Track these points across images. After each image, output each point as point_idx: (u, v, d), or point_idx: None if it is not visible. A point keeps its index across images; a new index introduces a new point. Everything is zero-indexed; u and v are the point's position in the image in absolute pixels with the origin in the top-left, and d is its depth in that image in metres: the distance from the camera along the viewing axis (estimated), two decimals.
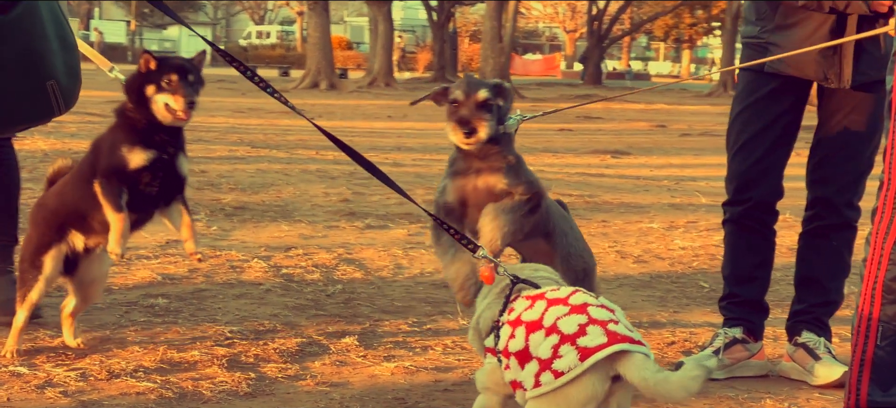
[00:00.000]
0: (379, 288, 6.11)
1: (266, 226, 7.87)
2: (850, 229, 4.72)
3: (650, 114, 27.98)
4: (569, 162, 13.98)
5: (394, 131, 18.47)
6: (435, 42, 49.86)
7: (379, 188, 9.85)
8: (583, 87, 47.28)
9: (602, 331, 3.00)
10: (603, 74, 56.81)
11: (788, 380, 4.65)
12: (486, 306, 3.47)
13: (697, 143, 18.44)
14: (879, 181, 3.50)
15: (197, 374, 4.40)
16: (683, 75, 79.05)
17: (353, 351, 4.83)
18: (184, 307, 5.47)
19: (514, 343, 3.18)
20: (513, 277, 3.41)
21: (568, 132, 19.99)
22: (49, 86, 3.76)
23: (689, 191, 11.00)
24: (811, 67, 4.51)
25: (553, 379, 3.01)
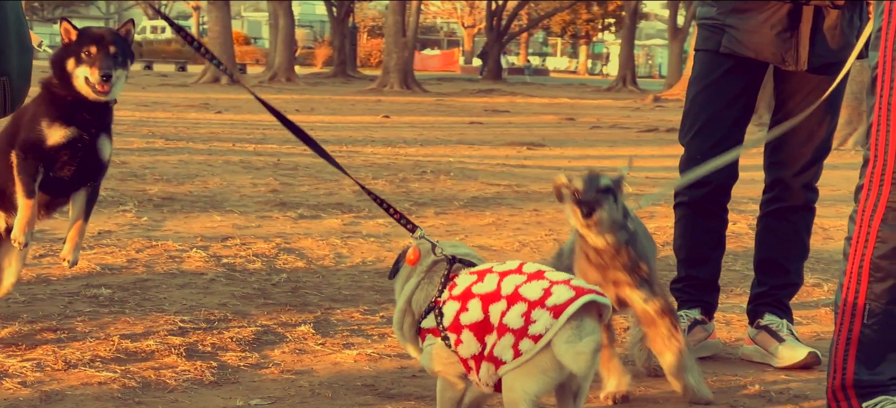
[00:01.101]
0: (323, 277, 6.01)
1: (197, 216, 7.72)
2: (809, 211, 4.74)
3: (555, 108, 28.13)
4: (487, 153, 13.97)
5: (305, 125, 18.25)
6: (335, 37, 49.63)
7: (306, 179, 9.75)
8: (483, 82, 47.43)
9: (567, 288, 3.04)
10: (503, 70, 57.04)
11: (751, 363, 4.65)
12: (414, 287, 3.41)
13: (609, 135, 18.59)
14: (863, 159, 3.51)
15: (156, 363, 4.28)
16: (580, 71, 79.86)
17: (310, 339, 4.75)
18: (128, 297, 5.33)
19: (468, 316, 3.17)
20: (450, 257, 3.38)
21: (479, 125, 20.01)
22: (1, 82, 3.65)
23: None
24: (768, 50, 4.52)
25: (533, 345, 3.01)
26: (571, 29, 79.57)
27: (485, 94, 35.18)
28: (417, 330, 3.39)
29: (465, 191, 9.35)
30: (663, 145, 16.57)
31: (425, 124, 19.59)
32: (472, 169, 11.10)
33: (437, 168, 10.78)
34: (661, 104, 32.18)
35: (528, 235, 7.53)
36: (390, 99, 29.83)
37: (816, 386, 4.25)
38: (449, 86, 41.79)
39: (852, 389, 3.50)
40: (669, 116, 25.12)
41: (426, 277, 3.39)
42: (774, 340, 4.56)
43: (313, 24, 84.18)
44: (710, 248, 4.71)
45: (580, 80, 61.40)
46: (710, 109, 4.68)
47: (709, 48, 4.69)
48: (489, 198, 9.17)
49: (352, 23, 54.08)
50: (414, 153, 13.61)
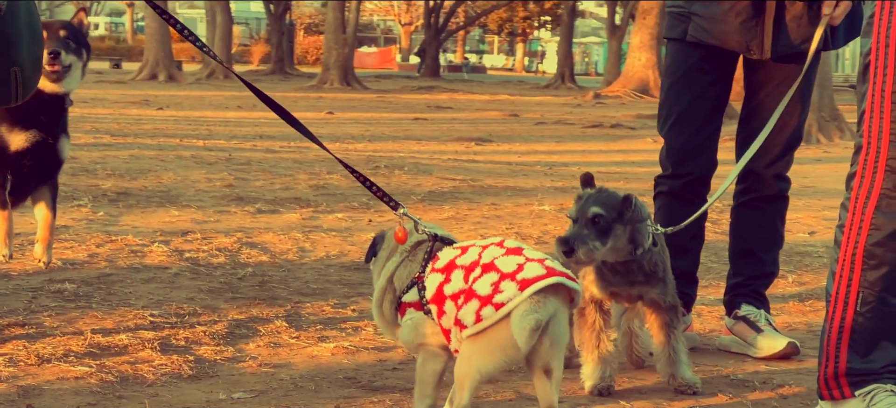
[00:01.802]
0: (289, 271, 5.94)
1: (154, 211, 7.61)
2: (782, 200, 4.74)
3: (497, 104, 28.16)
4: (435, 149, 13.93)
5: (249, 121, 18.15)
6: (272, 34, 49.36)
7: (261, 173, 9.66)
8: (421, 79, 47.42)
9: (540, 266, 3.08)
10: (442, 67, 57.09)
11: (730, 353, 4.63)
12: (396, 265, 3.40)
13: (554, 131, 18.62)
14: (856, 146, 3.50)
15: (131, 357, 4.20)
16: (517, 68, 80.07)
17: (284, 333, 4.68)
18: (93, 292, 5.24)
19: (451, 286, 3.19)
20: (433, 235, 3.39)
21: (423, 121, 19.98)
22: (13, 72, 3.53)
23: (566, 175, 11.05)
24: (733, 38, 4.50)
25: (494, 312, 3.04)
26: (508, 27, 79.69)
27: (425, 90, 35.13)
28: (398, 306, 3.38)
29: (420, 185, 9.31)
30: (610, 141, 16.64)
31: (370, 120, 19.52)
32: (425, 164, 11.06)
33: (390, 163, 10.73)
34: (602, 101, 32.31)
35: (489, 228, 7.50)
36: (331, 96, 29.70)
37: (797, 376, 4.25)
38: (388, 83, 41.71)
39: (844, 377, 3.49)
40: (611, 112, 25.24)
41: (409, 255, 3.40)
42: (753, 330, 4.56)
43: (249, 21, 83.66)
44: (689, 239, 4.69)
45: (518, 77, 61.54)
46: (684, 101, 4.67)
47: (676, 37, 4.68)
48: (446, 192, 9.13)
49: (289, 20, 53.84)
50: (363, 149, 13.55)
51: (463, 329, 3.13)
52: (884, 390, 3.44)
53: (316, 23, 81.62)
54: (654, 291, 3.98)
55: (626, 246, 3.85)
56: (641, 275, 3.94)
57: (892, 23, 3.41)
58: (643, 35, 34.31)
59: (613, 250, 3.82)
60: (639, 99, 32.89)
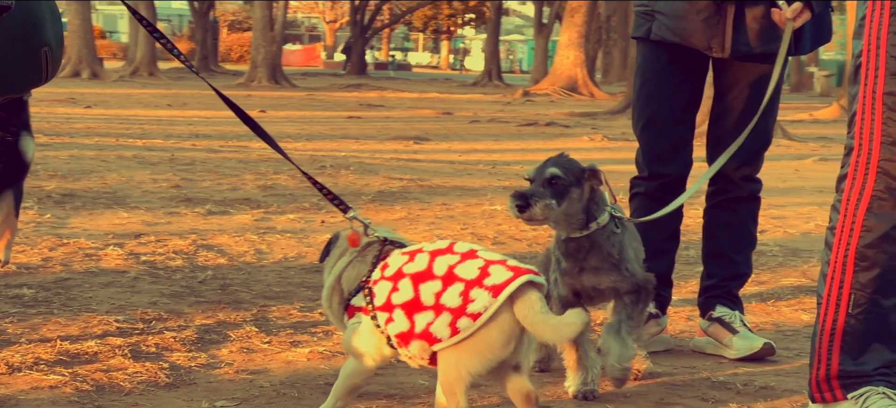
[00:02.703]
0: (249, 274, 5.86)
1: (102, 213, 7.47)
2: (754, 201, 4.74)
3: (428, 102, 28.13)
4: (375, 148, 13.86)
5: (182, 120, 17.95)
6: (196, 31, 48.91)
7: (206, 174, 9.53)
8: (348, 77, 47.27)
9: (504, 268, 3.08)
10: (369, 65, 56.97)
11: (705, 354, 4.63)
12: (345, 265, 3.41)
13: (490, 129, 18.62)
14: (846, 148, 3.50)
15: (103, 365, 4.09)
16: (442, 66, 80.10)
17: (255, 337, 4.60)
18: (53, 297, 5.11)
19: (399, 296, 3.19)
20: (382, 238, 3.40)
21: (357, 119, 19.89)
22: (43, 52, 3.61)
23: (510, 175, 11.04)
24: (695, 36, 4.49)
25: (472, 322, 3.04)
26: (433, 24, 79.72)
27: (354, 88, 35.01)
28: (345, 307, 3.39)
29: (368, 185, 9.24)
30: (547, 139, 16.66)
31: (303, 119, 19.38)
32: (369, 164, 10.98)
33: (335, 163, 10.64)
34: (531, 99, 32.42)
35: (443, 229, 7.45)
36: (260, 94, 29.47)
37: (776, 377, 4.25)
38: (315, 81, 41.53)
39: (836, 380, 3.49)
40: (542, 110, 25.33)
41: (358, 256, 3.40)
42: (728, 331, 4.55)
43: (171, 18, 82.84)
44: (664, 240, 4.69)
45: (444, 75, 61.58)
46: (656, 102, 4.67)
47: (641, 36, 4.68)
48: (396, 192, 9.07)
49: (213, 17, 53.38)
50: (302, 148, 13.44)
51: (435, 342, 3.13)
52: (876, 393, 3.45)
53: (239, 20, 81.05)
54: (608, 279, 3.87)
55: (580, 215, 3.78)
56: (595, 258, 3.84)
57: (883, 25, 3.42)
58: (571, 33, 34.52)
59: (567, 215, 3.75)
60: (568, 97, 33.06)
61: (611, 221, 3.86)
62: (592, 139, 16.62)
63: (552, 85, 34.48)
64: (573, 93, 33.87)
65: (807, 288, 6.03)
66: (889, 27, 3.41)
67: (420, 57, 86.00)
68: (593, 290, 3.94)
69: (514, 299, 3.06)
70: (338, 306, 3.43)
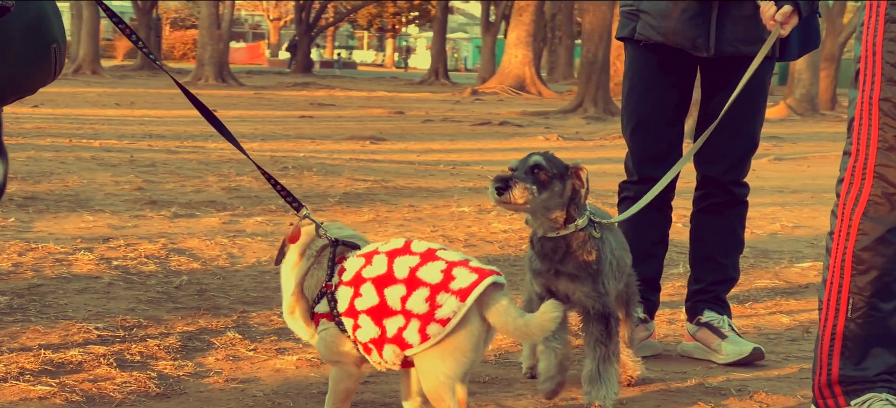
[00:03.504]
0: (225, 279, 5.79)
1: (66, 216, 7.35)
2: (741, 205, 4.72)
3: (377, 101, 28.05)
4: (333, 148, 13.78)
5: (133, 119, 17.77)
6: (140, 29, 48.44)
7: (168, 175, 9.42)
8: (294, 75, 47.07)
9: (468, 271, 3.08)
10: (315, 63, 56.77)
11: (693, 359, 4.62)
12: (304, 272, 3.35)
13: (444, 128, 18.59)
14: (845, 152, 3.51)
15: (90, 375, 4.02)
16: (387, 64, 79.98)
17: (239, 345, 4.54)
18: (27, 304, 5.02)
19: (363, 301, 3.16)
20: (333, 240, 3.35)
21: (310, 119, 19.78)
22: (53, 48, 3.56)
23: (472, 175, 11.01)
24: (680, 34, 4.46)
25: (441, 328, 3.03)
26: (378, 22, 79.60)
27: (301, 87, 34.85)
28: (311, 315, 3.35)
29: (333, 187, 9.18)
30: (502, 139, 16.67)
31: (255, 118, 19.24)
32: (330, 164, 10.91)
33: (296, 164, 10.56)
34: (480, 97, 32.44)
35: (413, 231, 7.41)
36: (208, 92, 29.20)
37: (768, 382, 4.25)
38: (261, 79, 41.32)
39: (838, 385, 3.49)
40: (493, 108, 25.36)
41: (316, 261, 3.35)
42: (716, 336, 4.54)
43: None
44: (653, 245, 4.67)
45: (390, 73, 61.50)
46: (645, 106, 4.64)
47: (626, 36, 4.66)
48: (361, 194, 9.01)
49: (156, 14, 52.94)
50: (259, 148, 13.34)
51: (407, 347, 3.12)
52: (879, 400, 3.45)
53: (182, 17, 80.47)
54: (580, 290, 3.76)
55: (559, 211, 3.69)
56: (571, 263, 3.74)
57: (879, 31, 3.43)
58: (519, 32, 34.58)
59: (546, 206, 3.65)
60: (516, 95, 33.12)
61: (589, 225, 3.78)
62: (548, 138, 16.64)
63: (500, 84, 34.51)
64: (521, 91, 33.93)
65: (781, 290, 6.06)
66: (885, 33, 3.41)
67: (365, 55, 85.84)
68: (566, 297, 3.83)
69: (483, 304, 3.07)
70: (303, 313, 3.37)
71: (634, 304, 4.18)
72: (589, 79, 23.06)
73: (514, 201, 3.60)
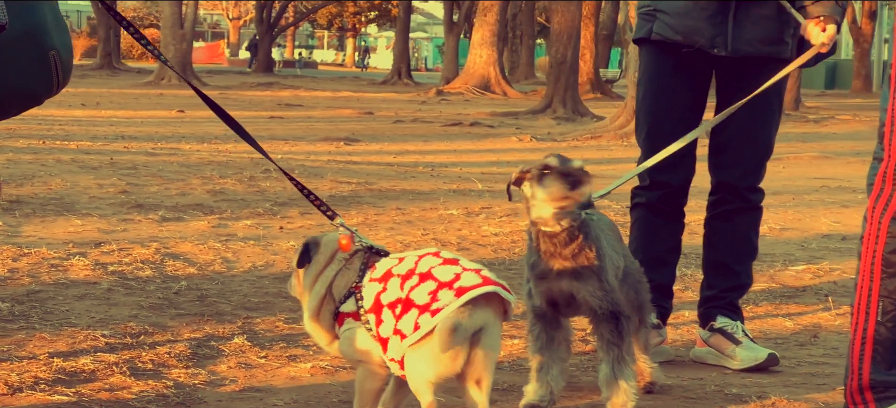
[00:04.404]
0: (223, 284, 5.73)
1: (54, 220, 7.27)
2: (756, 211, 4.71)
3: (344, 101, 27.99)
4: (308, 150, 13.72)
5: (101, 120, 17.64)
6: (99, 28, 48.12)
7: (151, 178, 9.34)
8: (255, 75, 46.86)
9: (476, 275, 3.14)
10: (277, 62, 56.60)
11: (707, 365, 4.60)
12: (334, 274, 3.40)
13: (415, 129, 18.56)
14: (874, 157, 3.52)
15: (105, 384, 3.97)
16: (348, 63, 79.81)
17: (249, 352, 4.50)
18: (29, 311, 4.96)
19: (387, 295, 3.23)
20: (368, 246, 3.42)
21: (280, 120, 19.69)
22: (51, 56, 3.51)
23: (453, 177, 10.98)
24: (698, 33, 4.44)
25: (430, 319, 3.07)
26: (338, 22, 79.46)
27: (265, 87, 34.68)
28: (335, 316, 3.38)
29: (317, 190, 9.10)
30: (475, 140, 16.66)
31: None
32: (311, 167, 10.85)
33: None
34: (446, 98, 32.43)
35: (405, 235, 7.37)
36: (172, 93, 29.08)
37: (785, 389, 4.23)
38: (222, 79, 41.10)
39: (869, 391, 3.49)
40: (460, 109, 25.36)
41: (346, 264, 3.40)
42: (730, 342, 4.52)
43: (69, 14, 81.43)
44: (666, 251, 4.66)
45: (351, 73, 61.33)
46: (659, 109, 4.62)
47: (643, 37, 4.63)
48: (347, 197, 8.97)
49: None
50: (233, 149, 13.27)
51: (404, 338, 3.15)
52: None
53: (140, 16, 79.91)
54: (585, 289, 3.68)
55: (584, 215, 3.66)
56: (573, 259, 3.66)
57: None
58: (484, 32, 34.59)
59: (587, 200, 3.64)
60: (481, 95, 33.14)
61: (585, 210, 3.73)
62: (520, 139, 16.66)
63: (465, 84, 34.51)
64: (486, 91, 33.95)
65: (779, 293, 6.07)
66: None
67: (325, 54, 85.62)
68: (569, 302, 3.76)
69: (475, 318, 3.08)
70: (328, 316, 3.40)
71: (647, 310, 4.15)
72: (558, 79, 23.09)
73: (583, 194, 3.58)
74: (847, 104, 33.39)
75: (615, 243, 3.95)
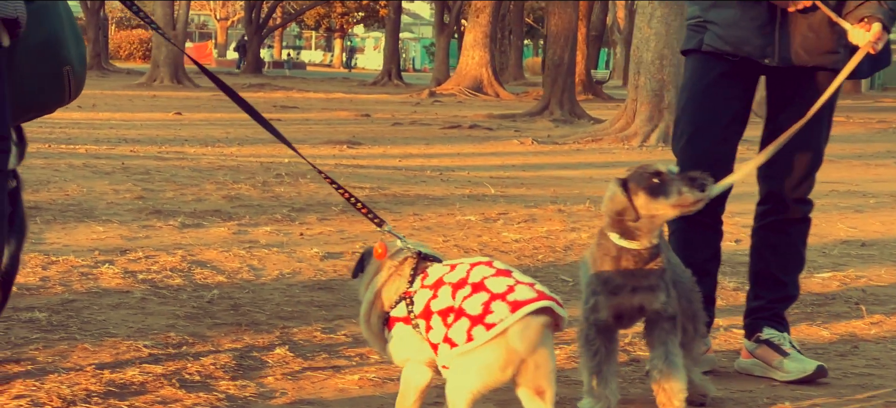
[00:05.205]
0: (254, 292, 5.71)
1: (75, 227, 7.24)
2: (805, 222, 4.70)
3: (338, 103, 27.95)
4: (312, 153, 13.67)
5: (100, 122, 17.58)
6: (89, 29, 47.97)
7: (165, 183, 9.31)
8: (244, 76, 46.78)
9: (530, 289, 3.13)
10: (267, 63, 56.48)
11: (753, 377, 4.58)
12: (384, 280, 3.45)
13: (415, 132, 18.54)
14: None
15: (157, 396, 3.95)
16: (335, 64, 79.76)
17: (292, 363, 4.49)
18: (67, 321, 4.94)
19: (437, 302, 3.24)
20: (418, 252, 3.46)
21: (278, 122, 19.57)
22: (65, 71, 3.60)
23: (463, 181, 10.97)
24: (749, 43, 4.43)
25: (485, 332, 3.08)
26: (326, 22, 79.37)
27: (256, 88, 34.59)
28: (385, 320, 3.43)
29: (331, 195, 9.10)
30: (477, 142, 16.65)
31: (223, 122, 19.06)
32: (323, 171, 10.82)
33: (289, 171, 10.46)
34: (438, 99, 32.41)
35: (425, 241, 7.34)
36: (166, 94, 29.04)
37: (839, 403, 4.23)
38: None
39: None
40: (455, 110, 25.35)
41: (396, 271, 3.44)
42: (778, 354, 4.51)
43: None
44: (706, 260, 4.64)
45: (340, 73, 61.30)
46: (702, 116, 4.59)
47: (692, 47, 4.62)
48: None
49: (103, 14, 52.46)
50: (237, 153, 13.25)
51: (454, 347, 3.18)
52: None
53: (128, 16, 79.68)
54: (658, 301, 3.78)
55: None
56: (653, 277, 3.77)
57: None
58: (476, 33, 34.62)
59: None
60: (474, 97, 33.15)
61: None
62: (522, 142, 16.66)
63: (458, 85, 34.54)
64: (479, 93, 33.97)
65: (809, 302, 6.05)
66: None
67: (313, 55, 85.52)
68: (636, 314, 3.84)
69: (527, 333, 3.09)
70: (377, 320, 3.46)
71: (700, 319, 4.17)
72: (555, 81, 23.09)
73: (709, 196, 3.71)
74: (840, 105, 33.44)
75: (670, 253, 4.00)
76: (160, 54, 34.63)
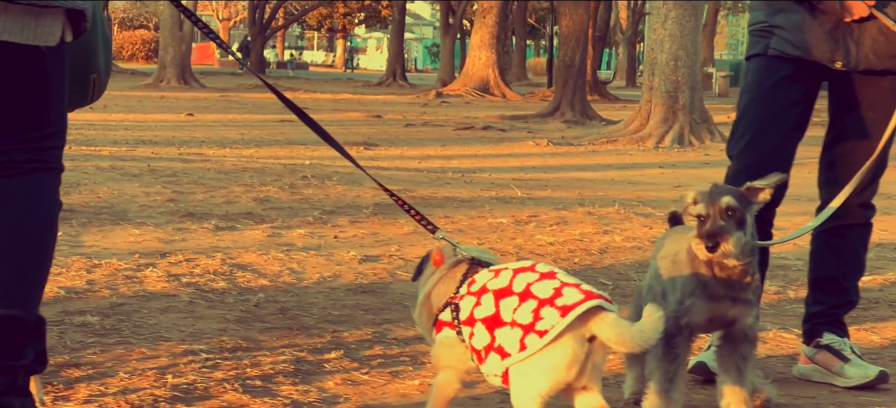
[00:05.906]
0: (299, 296, 5.72)
1: (111, 229, 7.24)
2: (867, 227, 4.65)
3: (346, 103, 27.96)
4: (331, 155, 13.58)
5: (115, 123, 17.58)
6: None
7: (193, 185, 9.32)
8: (248, 76, 46.74)
9: (577, 291, 3.15)
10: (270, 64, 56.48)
11: (812, 382, 4.57)
12: (435, 283, 3.51)
13: (429, 133, 18.56)
14: None
15: (222, 402, 3.96)
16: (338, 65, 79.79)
17: (349, 367, 4.48)
18: (119, 325, 4.95)
19: (481, 310, 3.27)
20: (471, 258, 3.48)
21: (291, 123, 19.62)
22: (92, 78, 3.65)
23: (487, 183, 10.97)
24: (818, 47, 4.39)
25: (538, 339, 3.10)
26: (328, 23, 79.42)
27: (263, 89, 34.50)
28: (434, 323, 3.47)
29: (359, 197, 9.11)
30: (492, 144, 16.66)
31: (236, 123, 19.10)
32: (346, 173, 10.81)
33: (314, 173, 10.47)
34: (446, 100, 32.43)
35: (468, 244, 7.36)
36: (173, 95, 29.06)
37: None
38: (218, 80, 41.03)
39: None
40: (465, 111, 25.36)
41: (447, 274, 3.49)
42: (838, 359, 4.48)
43: None
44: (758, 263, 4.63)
45: (343, 74, 61.30)
46: (763, 119, 4.53)
47: (757, 53, 4.56)
48: (392, 204, 8.90)
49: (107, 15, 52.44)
50: (257, 155, 13.25)
51: (506, 357, 3.19)
52: None
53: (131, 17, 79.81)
54: (749, 317, 3.79)
55: (750, 242, 3.74)
56: (749, 290, 3.78)
57: None
58: (483, 34, 34.63)
59: (747, 245, 3.70)
60: (480, 98, 33.16)
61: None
62: (537, 144, 16.67)
63: (465, 86, 34.55)
64: (485, 93, 33.99)
65: None
66: None
67: (315, 55, 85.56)
68: (732, 321, 3.85)
69: (587, 324, 3.10)
70: (427, 321, 3.52)
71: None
72: (566, 82, 23.11)
73: (729, 255, 3.64)
74: None
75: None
76: (167, 55, 34.65)
